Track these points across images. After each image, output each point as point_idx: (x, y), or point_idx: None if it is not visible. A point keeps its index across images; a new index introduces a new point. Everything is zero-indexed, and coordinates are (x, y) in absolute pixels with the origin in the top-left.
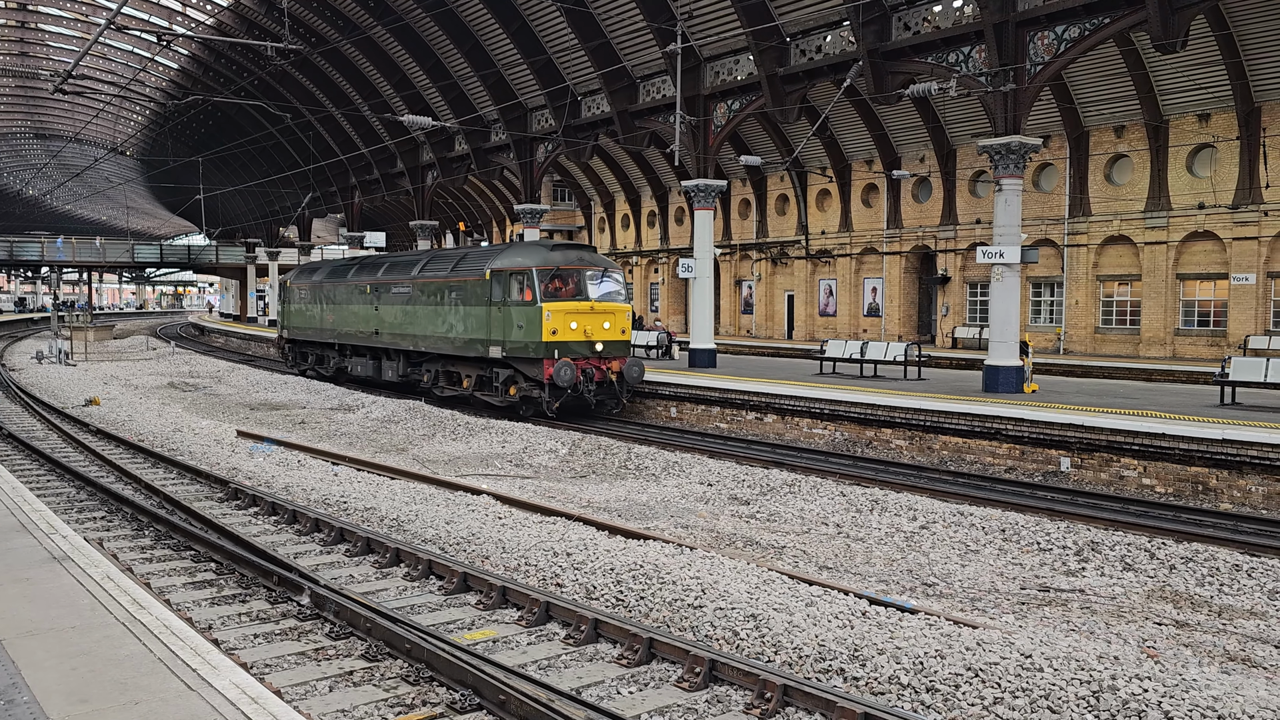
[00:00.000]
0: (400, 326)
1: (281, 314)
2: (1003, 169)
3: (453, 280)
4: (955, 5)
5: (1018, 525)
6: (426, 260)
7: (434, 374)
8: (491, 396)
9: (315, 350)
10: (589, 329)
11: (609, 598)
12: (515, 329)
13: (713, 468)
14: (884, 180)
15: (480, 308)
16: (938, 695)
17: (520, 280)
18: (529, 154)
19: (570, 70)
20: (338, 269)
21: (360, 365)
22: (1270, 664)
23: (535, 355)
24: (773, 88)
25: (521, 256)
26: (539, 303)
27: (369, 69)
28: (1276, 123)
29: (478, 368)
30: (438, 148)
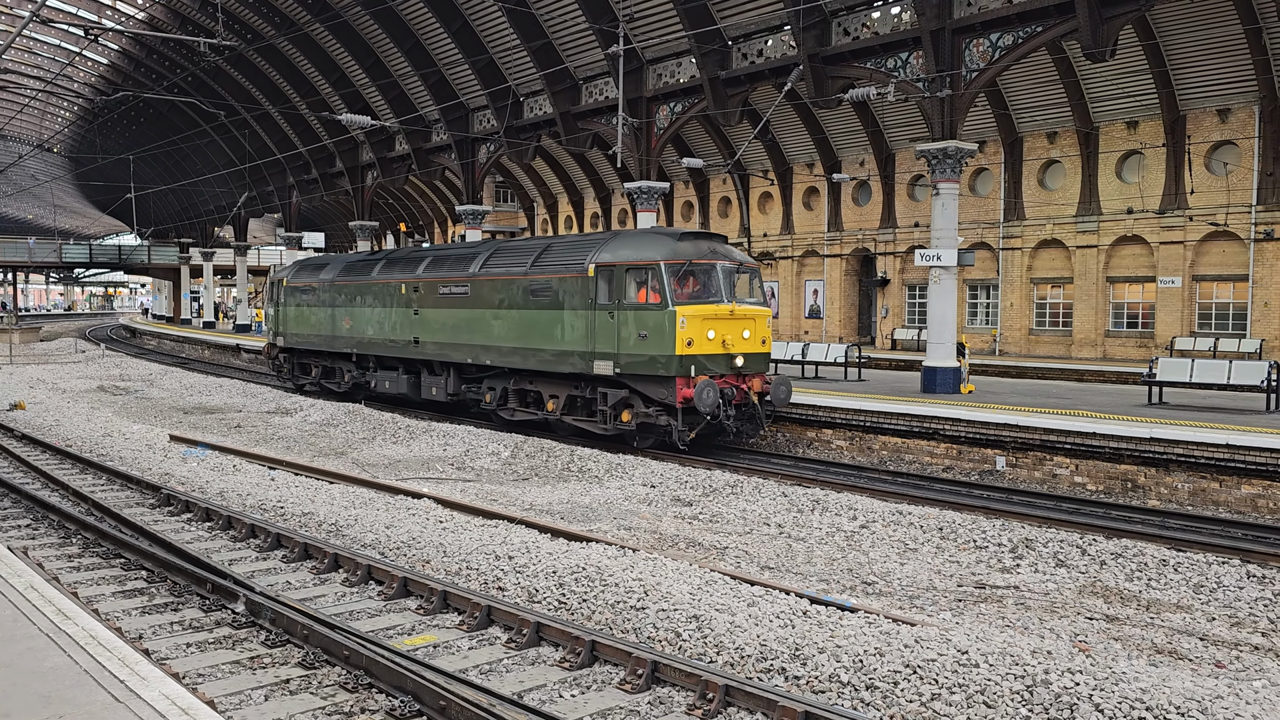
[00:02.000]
0: (451, 334)
1: (273, 318)
2: (940, 173)
3: (534, 278)
4: (894, 12)
5: (955, 524)
6: (490, 253)
7: (499, 393)
8: (590, 422)
9: (322, 362)
10: (728, 339)
11: (551, 601)
12: (634, 339)
13: (655, 469)
14: (825, 183)
15: (579, 312)
16: (877, 693)
17: (641, 277)
18: (471, 154)
19: (512, 71)
20: (356, 265)
21: (389, 381)
22: (1196, 656)
23: (666, 372)
24: (715, 90)
25: (641, 248)
26: (671, 306)
27: (307, 67)
28: (1201, 131)
29: (569, 386)
30: (378, 147)
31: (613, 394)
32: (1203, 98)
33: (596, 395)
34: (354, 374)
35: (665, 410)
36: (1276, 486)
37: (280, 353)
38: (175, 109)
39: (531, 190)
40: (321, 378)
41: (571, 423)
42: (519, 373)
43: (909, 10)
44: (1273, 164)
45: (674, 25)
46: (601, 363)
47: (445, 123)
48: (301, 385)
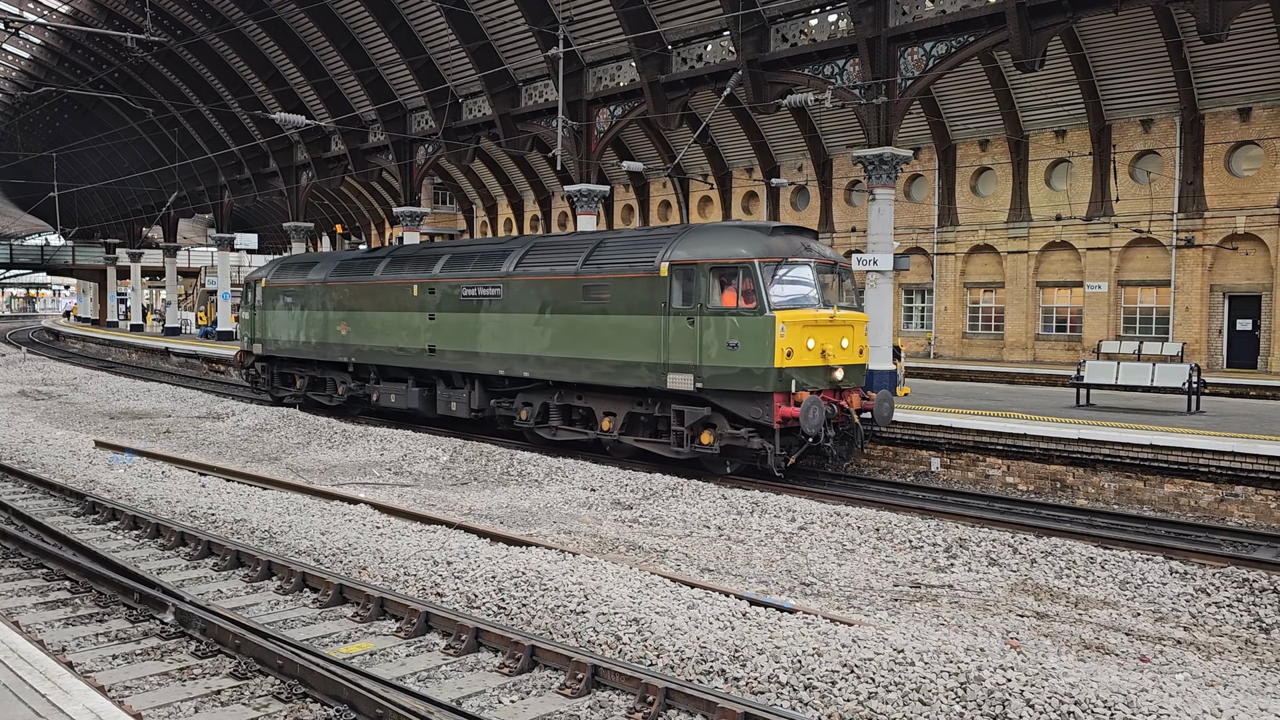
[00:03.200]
0: (478, 342)
1: (250, 324)
2: (876, 179)
3: (588, 278)
4: (831, 19)
5: (891, 524)
6: (526, 250)
7: (538, 409)
8: (657, 444)
9: (309, 372)
10: (828, 349)
11: (491, 606)
12: (721, 349)
13: (596, 473)
14: (764, 188)
15: (648, 318)
16: (815, 692)
17: (730, 278)
18: (409, 155)
19: (451, 71)
20: (354, 263)
21: (396, 394)
22: (1122, 651)
23: (761, 388)
24: (655, 94)
25: (729, 243)
26: (769, 311)
27: (239, 64)
28: (1125, 140)
29: (630, 402)
30: (313, 147)
31: (691, 412)
32: (1127, 108)
33: (669, 413)
34: (350, 386)
35: (758, 431)
36: (1198, 485)
37: (257, 361)
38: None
39: (471, 192)
40: (308, 389)
41: (632, 444)
42: (565, 386)
43: (846, 18)
44: (1193, 173)
45: (614, 29)
46: (678, 376)
47: (382, 123)
48: (282, 398)
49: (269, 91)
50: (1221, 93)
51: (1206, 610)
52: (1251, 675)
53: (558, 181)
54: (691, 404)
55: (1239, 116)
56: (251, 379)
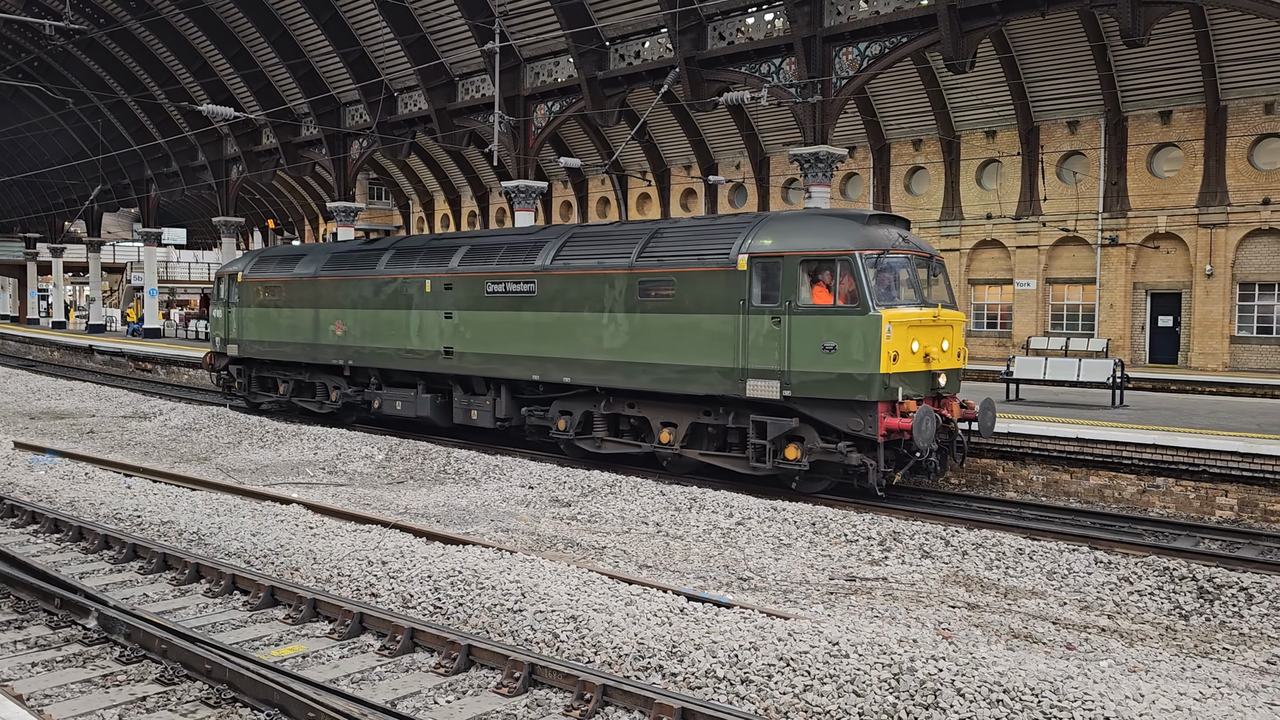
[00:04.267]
0: (506, 344)
1: (223, 322)
2: (812, 177)
3: (646, 273)
4: (767, 18)
5: (827, 519)
6: (565, 240)
7: (579, 418)
8: (729, 459)
9: (295, 376)
10: (931, 351)
11: (426, 605)
12: (814, 352)
13: (534, 470)
14: (701, 185)
15: (721, 316)
16: (752, 686)
17: (823, 272)
18: (343, 150)
19: (386, 65)
20: (350, 256)
21: (402, 400)
22: (1049, 640)
23: (865, 396)
24: (593, 91)
25: (822, 233)
26: (874, 310)
27: (165, 54)
28: (1053, 141)
29: (695, 411)
30: (243, 140)
31: (774, 423)
32: (1054, 110)
33: (746, 424)
34: (346, 392)
35: (857, 445)
36: (1121, 477)
37: (231, 364)
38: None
39: (407, 187)
40: (293, 395)
41: (696, 459)
42: (614, 394)
43: (782, 18)
44: (1117, 174)
45: (552, 24)
46: (760, 383)
47: (315, 117)
48: (259, 404)
49: (197, 82)
50: (1143, 96)
51: (1129, 599)
52: (1171, 661)
53: (495, 177)
54: (774, 414)
55: (1160, 119)
56: (224, 383)
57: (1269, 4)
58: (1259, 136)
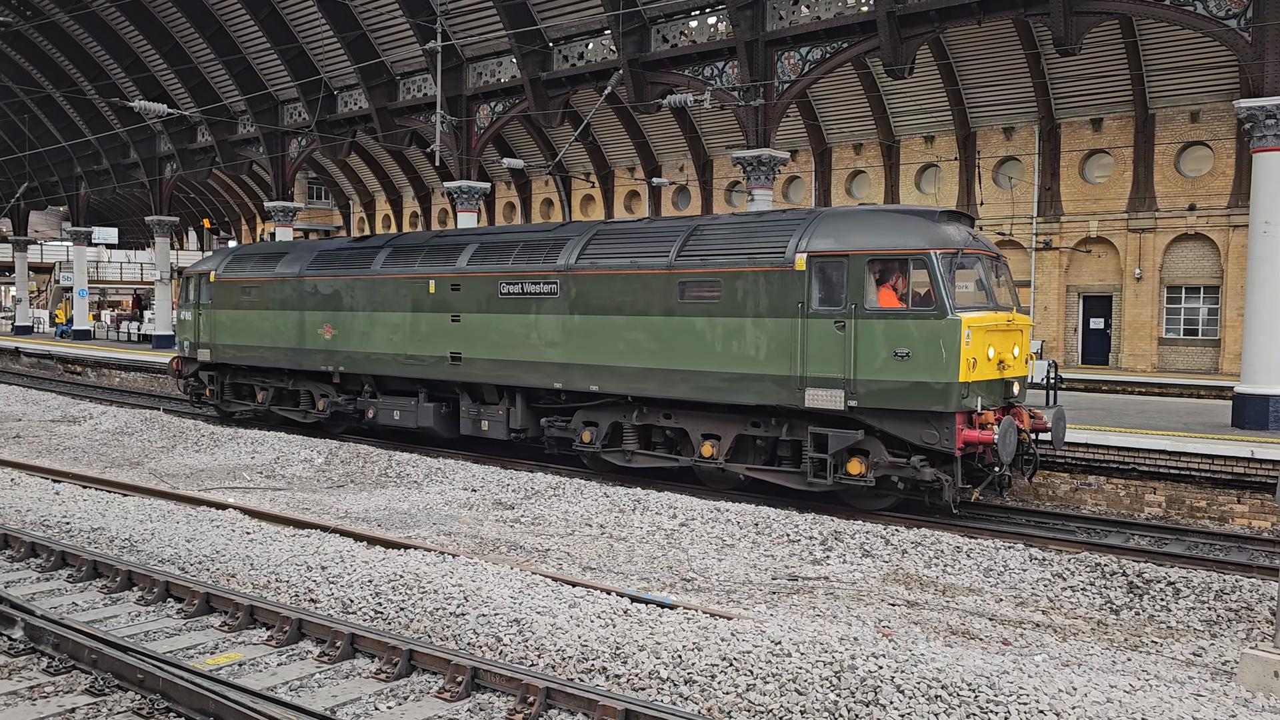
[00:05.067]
0: (524, 350)
1: (192, 325)
2: (755, 180)
3: (687, 273)
4: (710, 22)
5: (770, 519)
6: (589, 238)
7: (606, 430)
8: (781, 474)
9: (276, 383)
10: (1005, 358)
11: (367, 611)
12: (883, 359)
13: (477, 473)
14: (645, 187)
15: (775, 320)
16: (695, 686)
17: (894, 273)
18: (281, 148)
19: (326, 63)
20: (341, 254)
21: (401, 410)
22: (985, 636)
23: (941, 406)
24: (536, 92)
25: (891, 231)
26: (952, 313)
27: (95, 48)
28: (989, 147)
29: (741, 423)
30: (178, 138)
31: (837, 436)
32: (990, 116)
33: (802, 437)
34: (335, 400)
35: (930, 458)
36: (1055, 475)
37: (201, 370)
38: None
39: (347, 187)
40: (273, 403)
41: (743, 473)
42: (647, 403)
43: (725, 21)
44: (1050, 179)
45: (494, 24)
46: (820, 392)
47: (253, 114)
48: (233, 413)
49: (129, 78)
50: (1076, 104)
51: (1063, 594)
52: (1103, 654)
53: (438, 178)
54: (836, 425)
55: (1092, 126)
56: (192, 391)
57: (1193, 16)
58: (1185, 144)
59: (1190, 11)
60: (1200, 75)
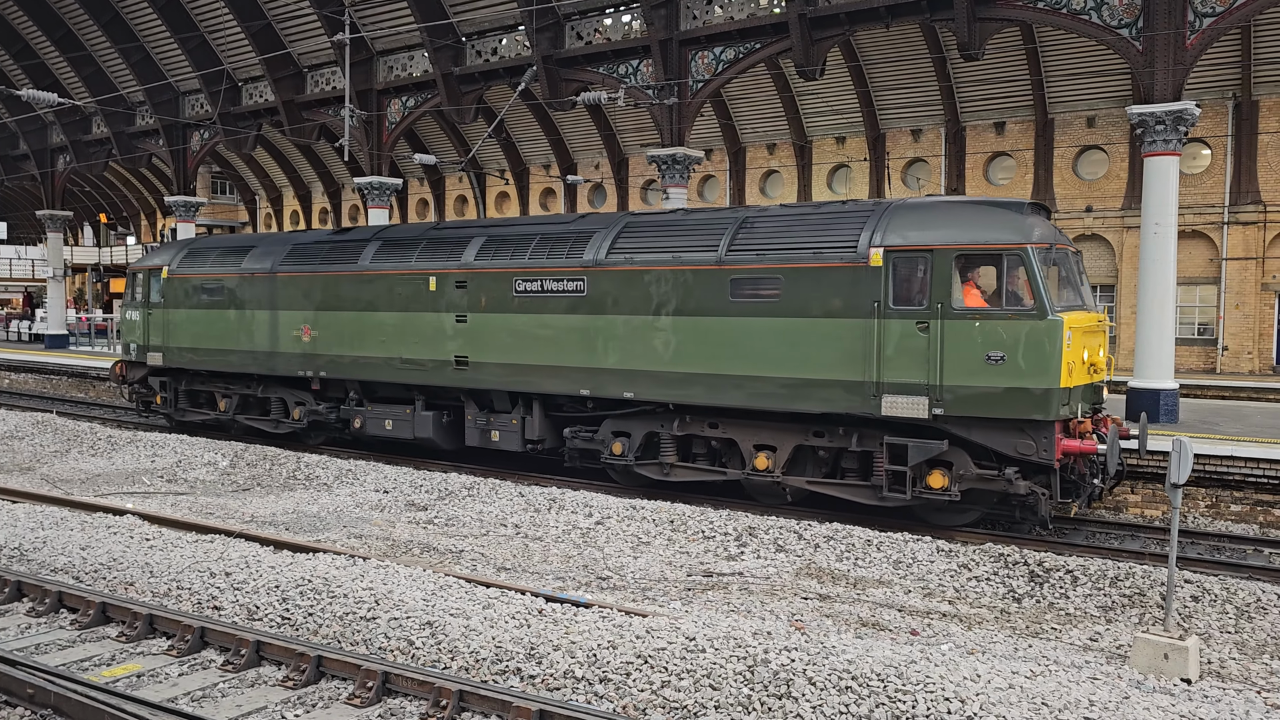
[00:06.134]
0: (542, 353)
1: (140, 326)
2: (670, 178)
3: (742, 269)
4: (625, 20)
5: (685, 516)
6: (620, 230)
7: (640, 441)
8: (848, 488)
9: (241, 389)
10: (1096, 361)
11: (274, 617)
12: (975, 363)
13: (389, 474)
14: (561, 185)
15: (846, 321)
16: (610, 685)
17: (981, 269)
18: (182, 141)
19: (230, 54)
20: (322, 248)
21: (394, 419)
22: (895, 626)
23: (1043, 414)
24: (449, 87)
25: (978, 224)
26: (1052, 313)
27: None
28: (898, 148)
29: (800, 432)
30: (71, 129)
31: (918, 446)
32: (899, 118)
33: (874, 447)
34: (314, 408)
35: (1023, 470)
36: None
37: (153, 375)
38: None
39: (253, 182)
40: (238, 411)
41: (802, 487)
42: (690, 411)
43: (639, 19)
44: (957, 180)
45: (406, 17)
46: (900, 399)
47: (152, 105)
48: (186, 421)
49: (17, 65)
50: (980, 107)
51: (968, 584)
52: (1006, 642)
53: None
54: (914, 435)
55: (995, 130)
56: (139, 398)
57: (1089, 24)
58: (1082, 148)
59: (1086, 20)
60: (1096, 82)
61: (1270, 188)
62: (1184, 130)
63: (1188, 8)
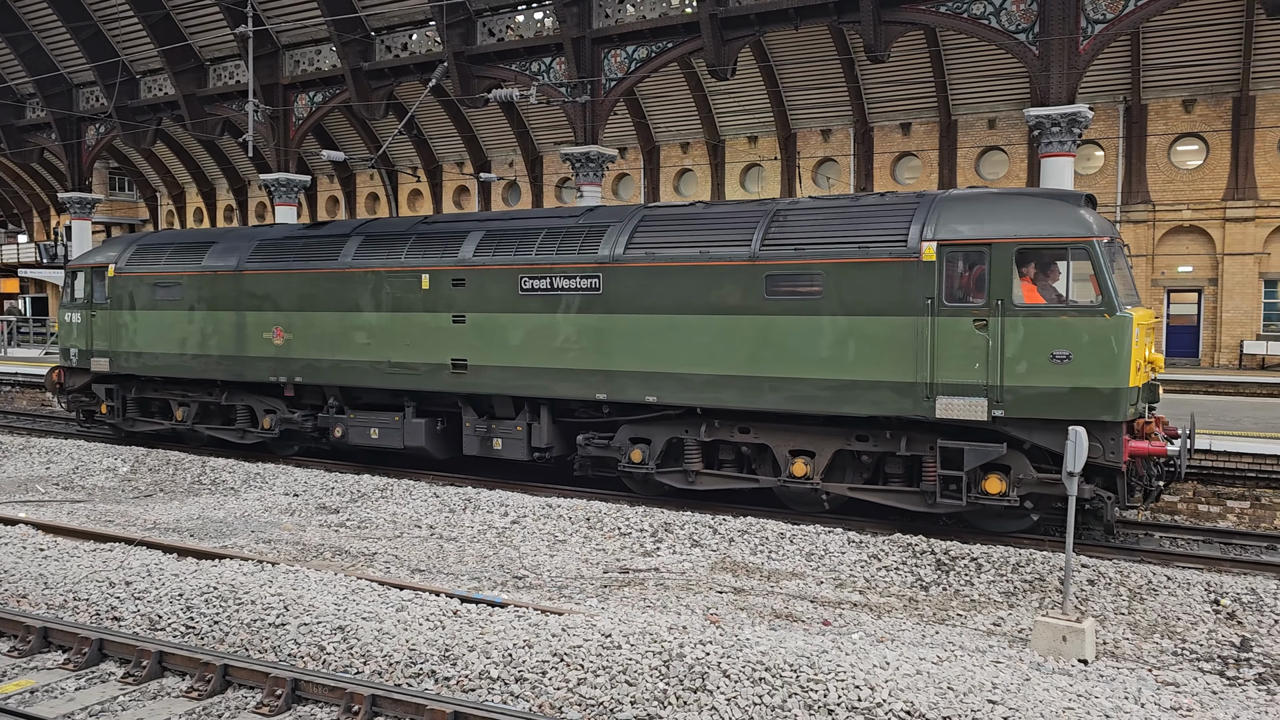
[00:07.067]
0: (553, 355)
1: (82, 329)
2: (584, 176)
3: (781, 264)
4: (537, 17)
5: (601, 513)
6: (637, 223)
7: (661, 447)
8: (891, 494)
9: (204, 397)
10: (1155, 360)
11: (178, 626)
12: (1039, 362)
13: (299, 477)
14: (475, 183)
15: (896, 319)
16: (526, 684)
17: (1041, 263)
18: (76, 135)
19: (126, 45)
20: (294, 243)
21: (381, 427)
22: (807, 617)
23: (1111, 416)
24: (358, 82)
25: (1038, 217)
26: (1120, 309)
27: None
28: (809, 148)
29: (845, 436)
30: None
31: (974, 450)
32: (809, 118)
33: (923, 451)
34: (287, 416)
35: (1089, 475)
36: None
37: (96, 383)
38: None
39: (154, 178)
40: (198, 421)
41: (846, 494)
42: (720, 415)
43: (552, 18)
44: (865, 180)
45: (312, 10)
46: (956, 400)
47: (43, 98)
48: (136, 431)
49: None
50: (887, 108)
51: (878, 574)
52: (914, 629)
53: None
54: (973, 438)
55: (902, 130)
56: (81, 408)
57: (988, 29)
58: (984, 149)
59: (985, 25)
60: (997, 85)
61: (1159, 187)
62: (1078, 132)
63: (1080, 14)
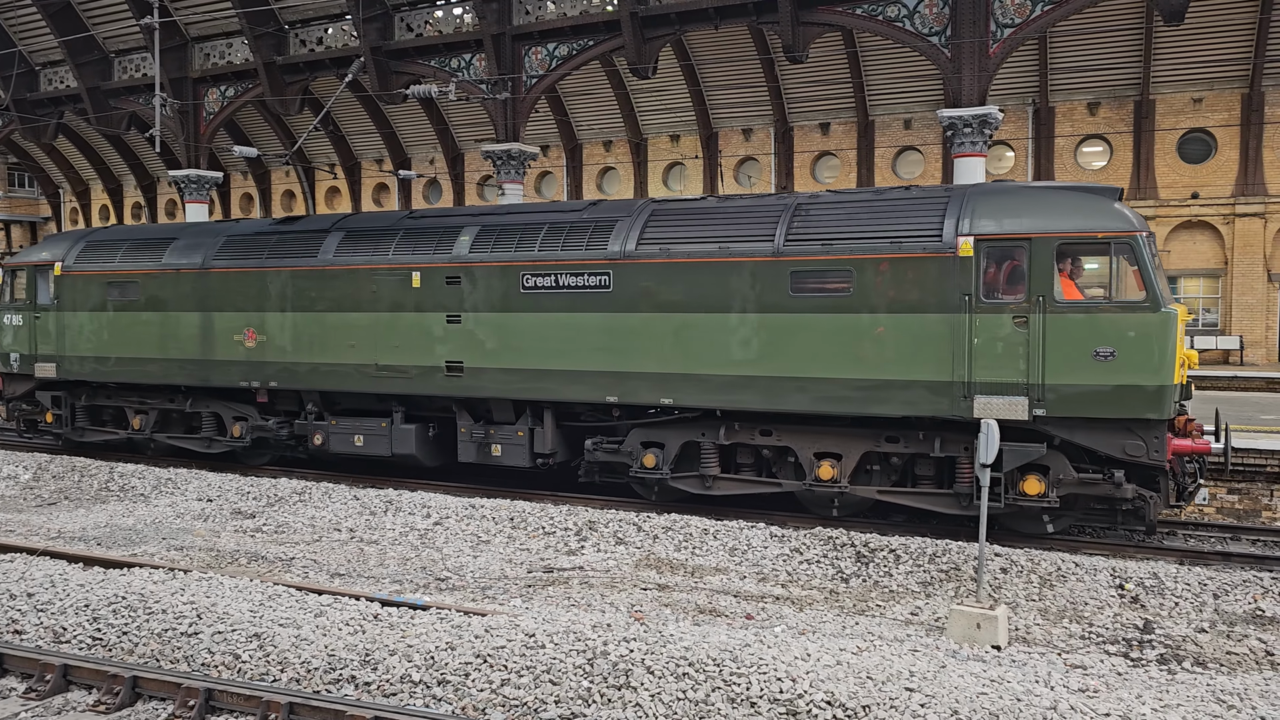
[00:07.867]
0: (559, 356)
1: (24, 332)
2: (505, 174)
3: (807, 260)
4: (456, 13)
5: (525, 513)
6: (647, 218)
7: (676, 451)
8: (924, 497)
9: (163, 404)
10: (1190, 357)
11: (84, 638)
12: (1081, 359)
13: (213, 481)
14: (395, 181)
15: (930, 316)
16: (449, 686)
17: (1083, 258)
18: None
19: (24, 35)
20: (267, 239)
21: (366, 434)
22: (731, 611)
23: (1156, 414)
24: (271, 76)
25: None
26: (1165, 305)
27: None
28: (730, 146)
29: (874, 438)
30: None
31: (1015, 450)
32: (731, 117)
33: (958, 452)
34: (259, 424)
35: (1133, 475)
36: None
37: (40, 390)
38: None
39: (56, 174)
40: (156, 429)
41: (875, 497)
42: (741, 417)
43: (471, 13)
44: (785, 179)
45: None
46: (995, 400)
47: None
48: (85, 441)
49: None
50: (807, 108)
51: (800, 568)
52: (835, 621)
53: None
54: (1012, 438)
55: (821, 130)
56: (22, 417)
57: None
58: (901, 149)
59: (900, 28)
60: (912, 86)
61: None
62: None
63: (990, 19)
